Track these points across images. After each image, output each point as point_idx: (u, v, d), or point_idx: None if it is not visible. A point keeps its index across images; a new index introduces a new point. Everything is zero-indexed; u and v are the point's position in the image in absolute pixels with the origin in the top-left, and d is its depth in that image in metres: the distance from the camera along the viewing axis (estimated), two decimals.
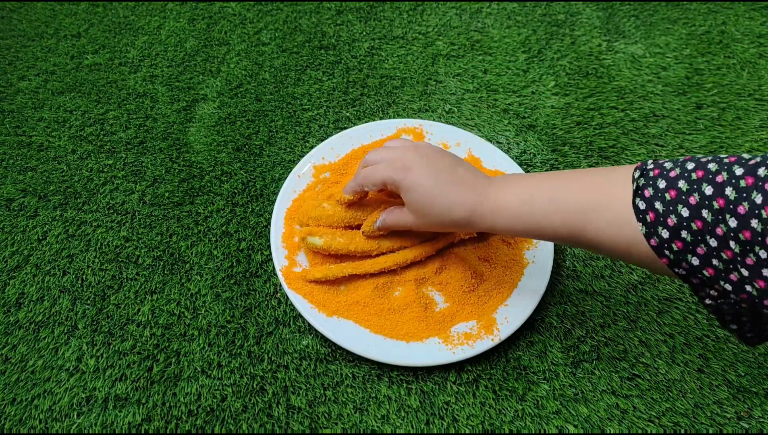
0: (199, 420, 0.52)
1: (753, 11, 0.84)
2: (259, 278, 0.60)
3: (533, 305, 0.55)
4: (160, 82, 0.77)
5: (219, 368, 0.54)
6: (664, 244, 0.35)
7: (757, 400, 0.53)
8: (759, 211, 0.30)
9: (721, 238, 0.32)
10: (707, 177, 0.33)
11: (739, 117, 0.72)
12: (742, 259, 0.31)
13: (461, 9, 0.86)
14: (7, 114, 0.74)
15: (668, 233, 0.34)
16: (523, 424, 0.52)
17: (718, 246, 0.32)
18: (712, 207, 0.32)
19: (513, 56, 0.79)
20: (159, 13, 0.86)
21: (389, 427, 0.52)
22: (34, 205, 0.65)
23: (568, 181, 0.41)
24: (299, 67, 0.79)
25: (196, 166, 0.68)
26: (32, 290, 0.59)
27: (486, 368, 0.55)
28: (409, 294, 0.57)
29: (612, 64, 0.78)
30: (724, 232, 0.32)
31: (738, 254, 0.32)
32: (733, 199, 0.31)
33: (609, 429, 0.51)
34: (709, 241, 0.33)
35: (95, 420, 0.52)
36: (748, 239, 0.31)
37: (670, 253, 0.35)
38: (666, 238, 0.34)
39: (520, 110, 0.74)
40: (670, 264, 0.35)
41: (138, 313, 0.58)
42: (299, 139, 0.71)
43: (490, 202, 0.44)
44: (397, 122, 0.68)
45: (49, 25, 0.84)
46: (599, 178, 0.40)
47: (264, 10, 0.86)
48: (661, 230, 0.35)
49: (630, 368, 0.55)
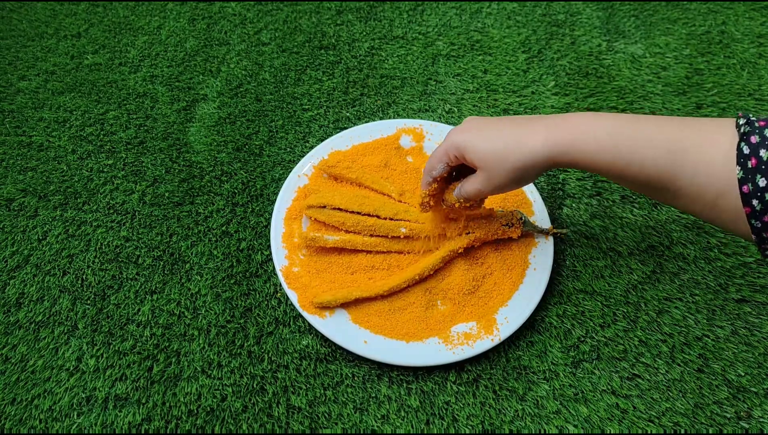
0: (199, 420, 0.52)
1: (753, 11, 0.84)
2: (259, 278, 0.60)
3: (533, 305, 0.55)
4: (160, 82, 0.77)
5: (219, 368, 0.54)
6: (757, 192, 0.34)
7: (757, 400, 0.53)
8: None
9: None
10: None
11: None
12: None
13: (461, 9, 0.86)
14: (7, 114, 0.74)
15: (766, 182, 0.34)
16: (523, 424, 0.52)
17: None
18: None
19: (513, 56, 0.79)
20: (159, 13, 0.86)
21: (389, 427, 0.52)
22: (34, 205, 0.65)
23: (663, 120, 0.40)
24: (299, 67, 0.79)
25: (196, 166, 0.68)
26: (32, 290, 0.59)
27: (486, 368, 0.55)
28: (410, 295, 0.57)
29: (612, 64, 0.78)
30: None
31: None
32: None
33: (609, 429, 0.51)
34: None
35: (95, 420, 0.52)
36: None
37: (759, 202, 0.34)
38: (762, 186, 0.34)
39: (520, 110, 0.74)
40: (752, 214, 0.35)
41: (138, 313, 0.58)
42: (299, 139, 0.71)
43: (564, 129, 0.41)
44: (397, 122, 0.68)
45: (49, 25, 0.84)
46: (698, 123, 0.38)
47: (264, 10, 0.86)
48: (759, 178, 0.34)
49: (630, 368, 0.55)
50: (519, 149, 0.42)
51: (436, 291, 0.57)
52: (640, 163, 0.39)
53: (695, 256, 0.61)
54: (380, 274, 0.58)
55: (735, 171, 0.35)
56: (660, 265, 0.60)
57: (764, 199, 0.34)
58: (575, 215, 0.64)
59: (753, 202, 0.35)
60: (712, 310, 0.57)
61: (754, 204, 0.35)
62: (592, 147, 0.40)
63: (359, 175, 0.61)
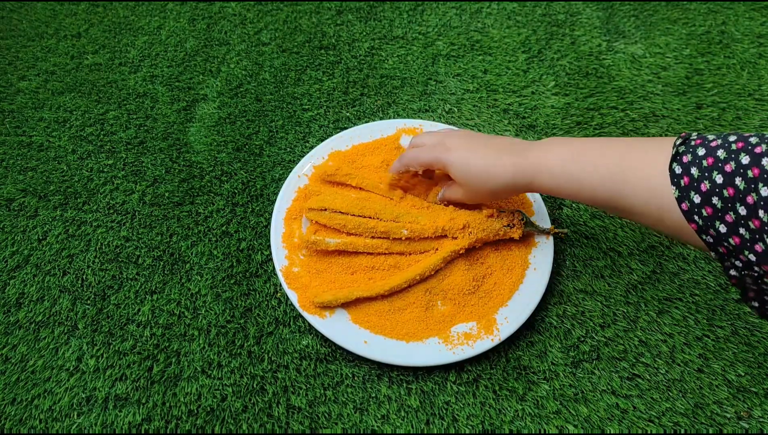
0: (199, 420, 0.52)
1: (753, 11, 0.84)
2: (259, 278, 0.60)
3: (533, 305, 0.55)
4: (160, 82, 0.77)
5: (219, 368, 0.54)
6: (694, 208, 0.35)
7: (757, 400, 0.53)
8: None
9: (751, 206, 0.32)
10: (746, 148, 0.34)
11: (739, 117, 0.72)
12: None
13: (461, 9, 0.86)
14: (7, 114, 0.74)
15: (700, 198, 0.35)
16: (523, 424, 0.52)
17: (747, 214, 0.33)
18: (746, 175, 0.33)
19: (513, 56, 0.79)
20: (159, 13, 0.86)
21: (389, 427, 0.52)
22: (34, 205, 0.65)
23: (609, 144, 0.43)
24: (299, 67, 0.79)
25: (196, 166, 0.68)
26: (32, 290, 0.59)
27: (486, 368, 0.55)
28: (410, 295, 0.57)
29: (612, 64, 0.78)
30: (755, 201, 0.32)
31: (765, 223, 0.32)
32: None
33: (609, 429, 0.51)
34: (739, 209, 0.33)
35: (95, 420, 0.52)
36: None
37: (700, 218, 0.35)
38: (697, 202, 0.35)
39: (520, 110, 0.74)
40: (699, 230, 0.36)
41: (138, 313, 0.58)
42: (299, 139, 0.71)
43: (531, 162, 0.46)
44: (397, 122, 0.68)
45: (49, 25, 0.84)
46: (641, 144, 0.41)
47: (264, 10, 0.86)
48: (693, 195, 0.35)
49: (630, 368, 0.55)
50: (493, 178, 0.49)
51: (436, 291, 0.57)
52: (590, 188, 0.43)
53: (695, 256, 0.61)
54: (381, 275, 0.58)
55: (671, 191, 0.37)
56: (660, 265, 0.60)
57: (702, 215, 0.35)
58: (575, 215, 0.64)
59: (695, 217, 0.36)
60: (712, 310, 0.57)
61: (697, 220, 0.36)
62: (548, 177, 0.45)
63: (359, 182, 0.61)
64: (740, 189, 0.33)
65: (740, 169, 0.33)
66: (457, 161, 0.51)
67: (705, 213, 0.35)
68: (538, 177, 0.46)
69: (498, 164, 0.48)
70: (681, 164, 0.36)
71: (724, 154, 0.34)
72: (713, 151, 0.35)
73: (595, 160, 0.42)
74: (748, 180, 0.33)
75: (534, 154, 0.47)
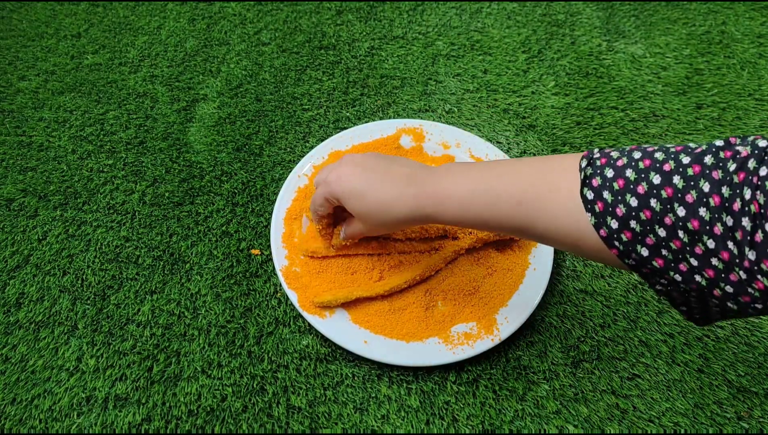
0: (199, 420, 0.52)
1: (753, 11, 0.84)
2: (259, 278, 0.60)
3: (533, 305, 0.55)
4: (160, 82, 0.77)
5: (219, 368, 0.54)
6: (613, 234, 0.34)
7: (757, 400, 0.53)
8: (707, 199, 0.30)
9: (669, 227, 0.31)
10: (654, 166, 0.32)
11: (739, 117, 0.72)
12: (691, 248, 0.31)
13: (461, 9, 0.86)
14: (7, 114, 0.74)
15: (617, 223, 0.33)
16: (523, 424, 0.52)
17: (667, 236, 0.32)
18: (661, 196, 0.32)
19: (513, 56, 0.79)
20: (159, 13, 0.86)
21: (389, 427, 0.52)
22: (34, 205, 0.65)
23: (514, 170, 0.40)
24: (299, 67, 0.79)
25: (196, 166, 0.68)
26: (32, 290, 0.59)
27: (486, 368, 0.55)
28: (410, 295, 0.57)
29: (612, 64, 0.78)
30: (673, 222, 0.31)
31: (686, 244, 0.31)
32: (681, 187, 0.31)
33: (609, 429, 0.51)
34: (658, 231, 0.32)
35: (95, 420, 0.52)
36: (696, 229, 0.30)
37: (620, 243, 0.34)
38: (615, 228, 0.34)
39: (520, 110, 0.74)
40: (620, 255, 0.35)
41: (138, 313, 0.58)
42: (299, 139, 0.71)
43: (430, 192, 0.43)
44: (397, 122, 0.68)
45: (49, 25, 0.84)
46: (546, 167, 0.38)
47: (264, 10, 0.86)
48: (610, 220, 0.34)
49: (630, 368, 0.55)
50: (391, 212, 0.44)
51: (436, 292, 0.57)
52: (497, 218, 0.40)
53: None
54: (381, 275, 0.58)
55: (586, 216, 0.35)
56: None
57: (622, 241, 0.34)
58: None
59: (615, 243, 0.34)
60: None
61: (617, 245, 0.34)
62: (453, 209, 0.42)
63: None
64: (656, 211, 0.32)
65: (653, 190, 0.32)
66: (353, 194, 0.46)
67: (624, 237, 0.33)
68: (441, 209, 0.42)
69: (396, 196, 0.44)
70: (592, 189, 0.35)
71: (634, 175, 0.33)
72: (621, 171, 0.34)
73: (500, 188, 0.39)
74: (662, 200, 0.31)
75: (436, 184, 0.43)
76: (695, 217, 0.30)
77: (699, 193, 0.30)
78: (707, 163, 0.31)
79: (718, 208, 0.29)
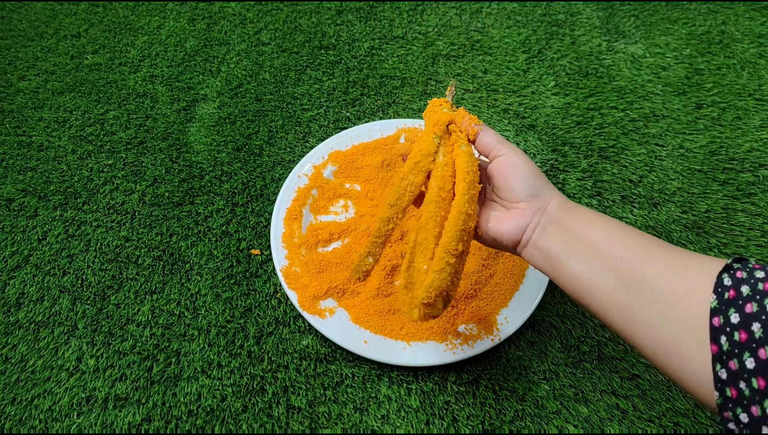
0: (199, 420, 0.52)
1: (753, 11, 0.84)
2: (259, 278, 0.60)
3: (533, 305, 0.55)
4: (160, 82, 0.77)
5: (219, 368, 0.54)
6: (725, 327, 0.30)
7: None
8: None
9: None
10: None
11: (739, 117, 0.72)
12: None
13: (461, 9, 0.86)
14: (7, 114, 0.74)
15: (738, 318, 0.29)
16: (523, 424, 0.52)
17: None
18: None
19: (513, 56, 0.79)
20: (159, 13, 0.86)
21: (389, 427, 0.52)
22: (34, 205, 0.65)
23: (651, 246, 0.36)
24: (299, 67, 0.79)
25: (196, 166, 0.68)
26: (32, 290, 0.59)
27: (486, 368, 0.55)
28: None
29: (612, 64, 0.78)
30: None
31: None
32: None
33: (609, 429, 0.51)
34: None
35: (95, 420, 0.52)
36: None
37: (727, 341, 0.29)
38: (733, 322, 0.29)
39: (520, 110, 0.74)
40: (716, 356, 0.30)
41: (138, 313, 0.58)
42: (299, 139, 0.71)
43: (555, 209, 0.40)
44: (397, 122, 0.68)
45: (49, 25, 0.84)
46: (687, 258, 0.34)
47: (264, 10, 0.86)
48: (732, 313, 0.30)
49: (630, 368, 0.55)
50: (534, 190, 0.41)
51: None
52: (605, 285, 0.36)
53: None
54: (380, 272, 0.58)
55: (711, 299, 0.31)
56: None
57: (732, 339, 0.29)
58: None
59: (721, 339, 0.30)
60: None
61: (722, 342, 0.30)
62: (573, 249, 0.38)
63: None
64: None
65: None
66: (521, 159, 0.42)
67: (737, 337, 0.29)
68: (556, 234, 0.38)
69: (546, 188, 0.41)
70: (732, 278, 0.31)
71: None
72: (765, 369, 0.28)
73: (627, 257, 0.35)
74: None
75: (565, 209, 0.39)
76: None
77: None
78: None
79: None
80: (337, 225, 0.61)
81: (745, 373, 0.28)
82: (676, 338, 0.32)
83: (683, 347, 0.31)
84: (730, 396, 0.29)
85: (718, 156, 0.68)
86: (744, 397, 0.28)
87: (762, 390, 0.27)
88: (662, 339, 0.33)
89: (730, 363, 0.29)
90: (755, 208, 0.64)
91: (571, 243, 0.38)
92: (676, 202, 0.65)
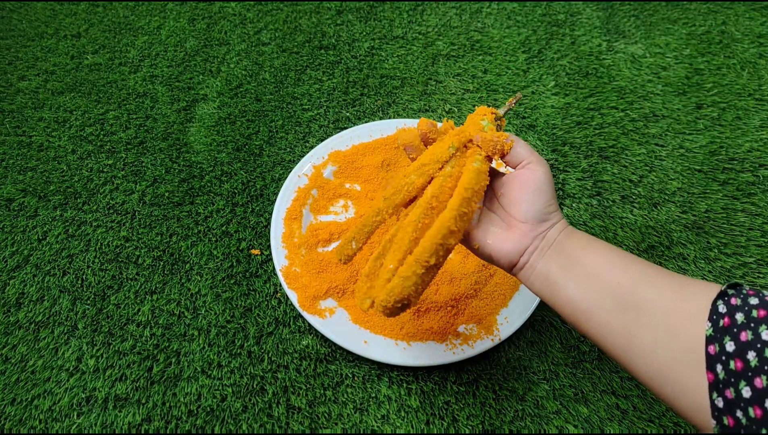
0: (199, 420, 0.52)
1: (753, 11, 0.84)
2: (259, 278, 0.60)
3: (533, 306, 0.55)
4: (160, 82, 0.77)
5: (219, 368, 0.54)
6: (721, 356, 0.30)
7: None
8: None
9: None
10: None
11: (739, 117, 0.72)
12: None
13: (461, 9, 0.86)
14: (7, 114, 0.74)
15: (734, 347, 0.30)
16: (523, 424, 0.52)
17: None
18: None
19: (513, 56, 0.79)
20: (159, 13, 0.86)
21: (389, 427, 0.51)
22: (34, 205, 0.65)
23: (652, 272, 0.36)
24: (299, 67, 0.79)
25: (196, 166, 0.68)
26: (32, 290, 0.59)
27: (486, 368, 0.55)
28: None
29: (612, 64, 0.78)
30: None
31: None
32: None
33: (609, 429, 0.51)
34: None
35: (95, 420, 0.52)
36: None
37: (723, 370, 0.30)
38: (728, 351, 0.30)
39: (520, 110, 0.74)
40: (713, 384, 0.30)
41: (138, 313, 0.58)
42: (299, 139, 0.71)
43: (554, 233, 0.40)
44: (397, 122, 0.68)
45: (49, 25, 0.84)
46: (684, 283, 0.34)
47: (264, 10, 0.86)
48: (727, 341, 0.30)
49: None
50: (547, 207, 0.41)
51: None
52: (602, 307, 0.36)
53: (695, 256, 0.61)
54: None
55: (706, 327, 0.31)
56: (660, 265, 0.60)
57: (728, 368, 0.29)
58: (575, 215, 0.64)
59: (717, 367, 0.30)
60: None
61: (718, 371, 0.30)
62: (571, 272, 0.38)
63: None
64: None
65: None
66: (546, 173, 0.41)
67: (733, 366, 0.29)
68: (554, 258, 0.38)
69: (553, 210, 0.40)
70: (727, 304, 0.31)
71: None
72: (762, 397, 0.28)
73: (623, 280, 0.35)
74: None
75: (566, 236, 0.39)
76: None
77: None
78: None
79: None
80: (337, 225, 0.61)
81: (741, 402, 0.28)
82: (673, 365, 0.32)
83: (680, 374, 0.32)
84: (727, 425, 0.29)
85: (718, 156, 0.68)
86: (741, 425, 0.28)
87: (759, 419, 0.27)
88: (658, 365, 0.33)
89: (726, 392, 0.29)
90: (755, 208, 0.64)
91: (570, 267, 0.38)
92: (676, 202, 0.65)
